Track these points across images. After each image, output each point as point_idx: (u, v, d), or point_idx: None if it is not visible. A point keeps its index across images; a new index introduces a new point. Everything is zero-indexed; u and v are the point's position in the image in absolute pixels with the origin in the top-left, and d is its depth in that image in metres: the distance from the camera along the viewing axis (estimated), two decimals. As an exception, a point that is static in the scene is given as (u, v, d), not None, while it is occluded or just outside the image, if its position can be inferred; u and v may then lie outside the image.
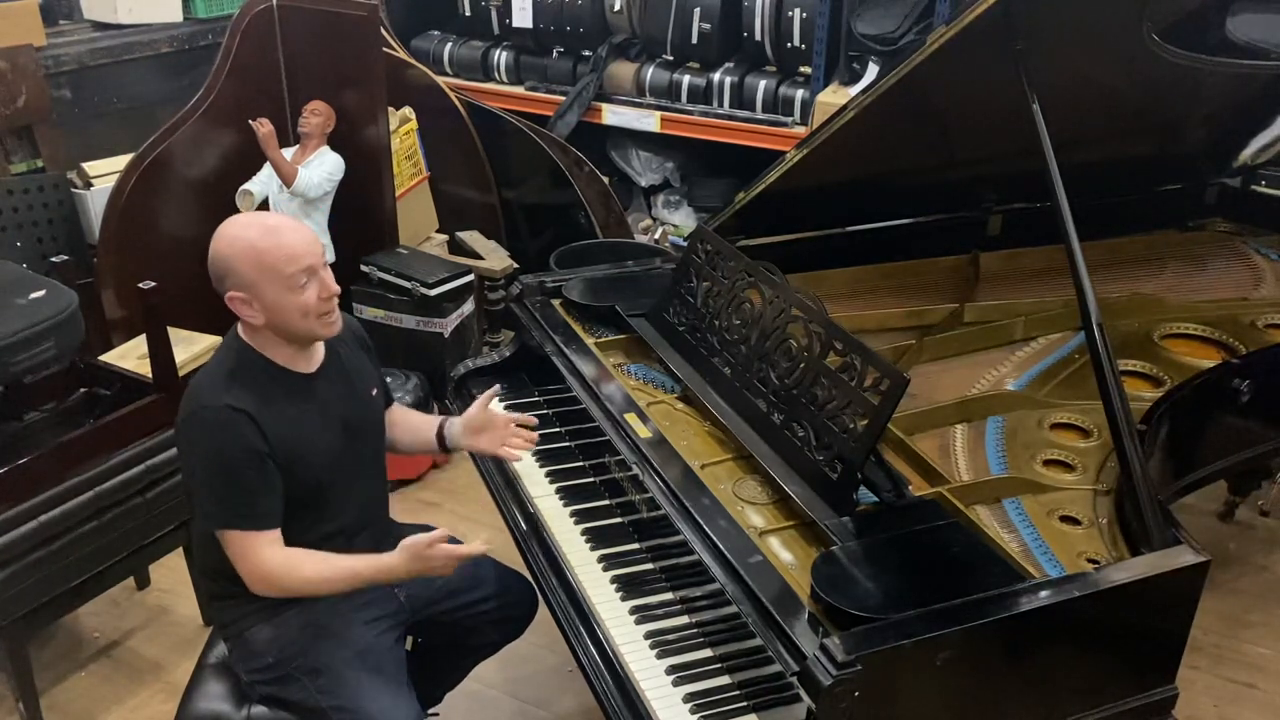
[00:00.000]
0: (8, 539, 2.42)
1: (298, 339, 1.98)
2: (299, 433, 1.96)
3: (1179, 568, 1.71)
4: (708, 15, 4.08)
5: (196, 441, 1.92)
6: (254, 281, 1.89)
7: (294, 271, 1.89)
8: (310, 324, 1.94)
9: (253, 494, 1.91)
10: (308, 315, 1.92)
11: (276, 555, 1.93)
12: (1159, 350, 2.61)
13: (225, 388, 1.91)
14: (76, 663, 2.94)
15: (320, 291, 1.92)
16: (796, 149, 2.45)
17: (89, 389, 2.91)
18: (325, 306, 1.94)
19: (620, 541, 2.14)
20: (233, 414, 1.88)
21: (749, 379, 2.15)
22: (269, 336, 1.96)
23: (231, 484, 1.89)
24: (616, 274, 2.74)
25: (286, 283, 1.89)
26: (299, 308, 1.91)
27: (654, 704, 1.77)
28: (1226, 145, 3.12)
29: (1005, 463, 2.14)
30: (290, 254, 1.89)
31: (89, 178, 3.74)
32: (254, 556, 1.92)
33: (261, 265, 1.88)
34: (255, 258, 1.88)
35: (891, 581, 1.69)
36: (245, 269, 1.88)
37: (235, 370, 1.95)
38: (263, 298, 1.90)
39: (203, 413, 1.91)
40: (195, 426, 1.92)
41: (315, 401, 2.01)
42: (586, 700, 2.44)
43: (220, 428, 1.88)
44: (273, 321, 1.93)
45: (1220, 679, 2.92)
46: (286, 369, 1.99)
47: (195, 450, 1.92)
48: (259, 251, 1.88)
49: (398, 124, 4.00)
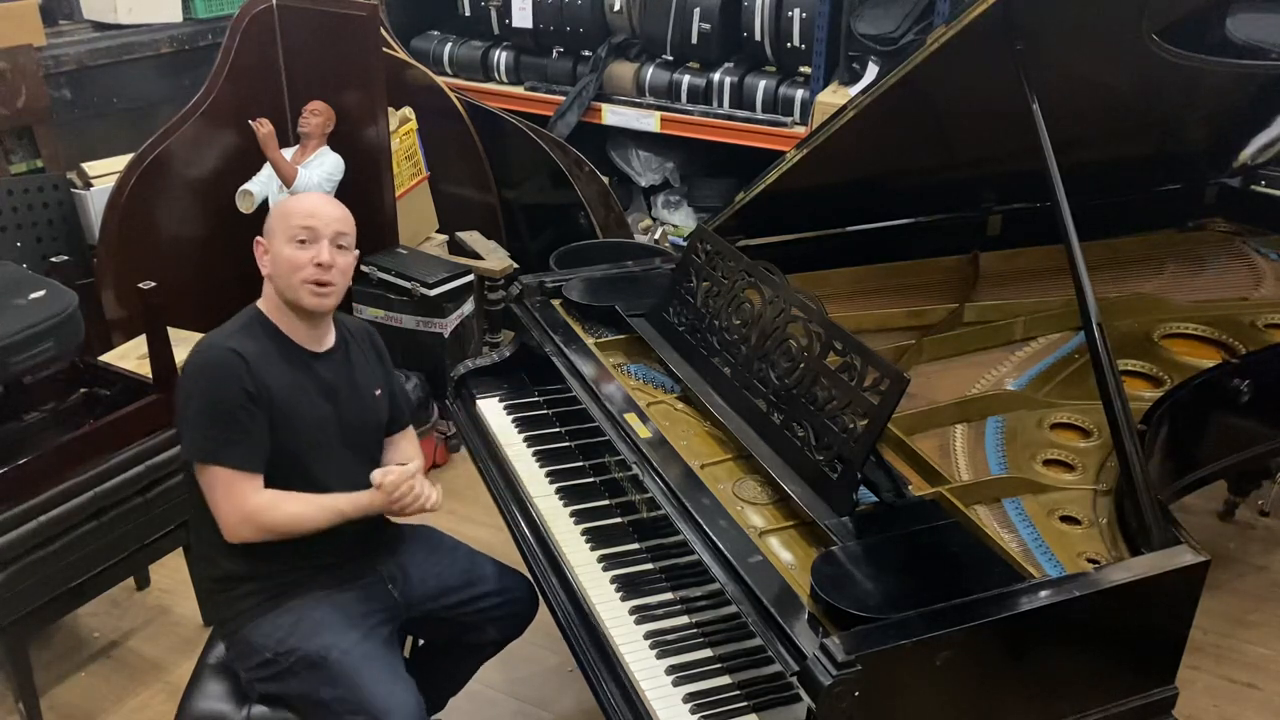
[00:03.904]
0: (8, 539, 2.42)
1: (292, 304, 2.06)
2: (290, 396, 2.03)
3: (1179, 568, 1.71)
4: (707, 15, 4.08)
5: (192, 377, 2.00)
6: (272, 229, 2.05)
7: (298, 226, 2.02)
8: (295, 284, 2.02)
9: (241, 432, 1.97)
10: (295, 272, 2.01)
11: (260, 495, 1.99)
12: (1159, 350, 2.61)
13: (229, 336, 2.03)
14: (76, 663, 2.94)
15: (314, 256, 2.01)
16: (796, 149, 2.45)
17: (89, 389, 2.91)
18: (315, 274, 2.02)
19: (620, 541, 2.14)
20: (230, 355, 1.98)
21: (749, 379, 2.15)
22: (277, 303, 2.07)
23: (221, 419, 1.96)
24: (616, 274, 2.74)
25: (289, 234, 2.02)
26: (291, 262, 2.01)
27: (654, 704, 1.77)
28: (1226, 145, 3.12)
29: (1005, 463, 2.14)
30: (306, 210, 2.04)
31: (89, 178, 3.74)
32: (237, 495, 1.97)
33: (280, 213, 2.06)
34: (282, 207, 2.08)
35: (891, 581, 1.69)
36: (272, 217, 2.07)
37: (243, 328, 2.06)
38: (272, 246, 2.05)
39: (205, 352, 2.01)
40: (194, 364, 2.01)
41: (314, 377, 2.09)
42: (586, 700, 2.44)
43: (217, 365, 1.98)
44: (273, 275, 2.05)
45: (1220, 679, 2.92)
46: (292, 340, 2.08)
47: (191, 385, 2.00)
48: (288, 203, 2.09)
49: (398, 124, 4.00)
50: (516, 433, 2.47)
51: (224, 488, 1.97)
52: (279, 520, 1.99)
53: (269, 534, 2.00)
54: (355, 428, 2.14)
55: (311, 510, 2.02)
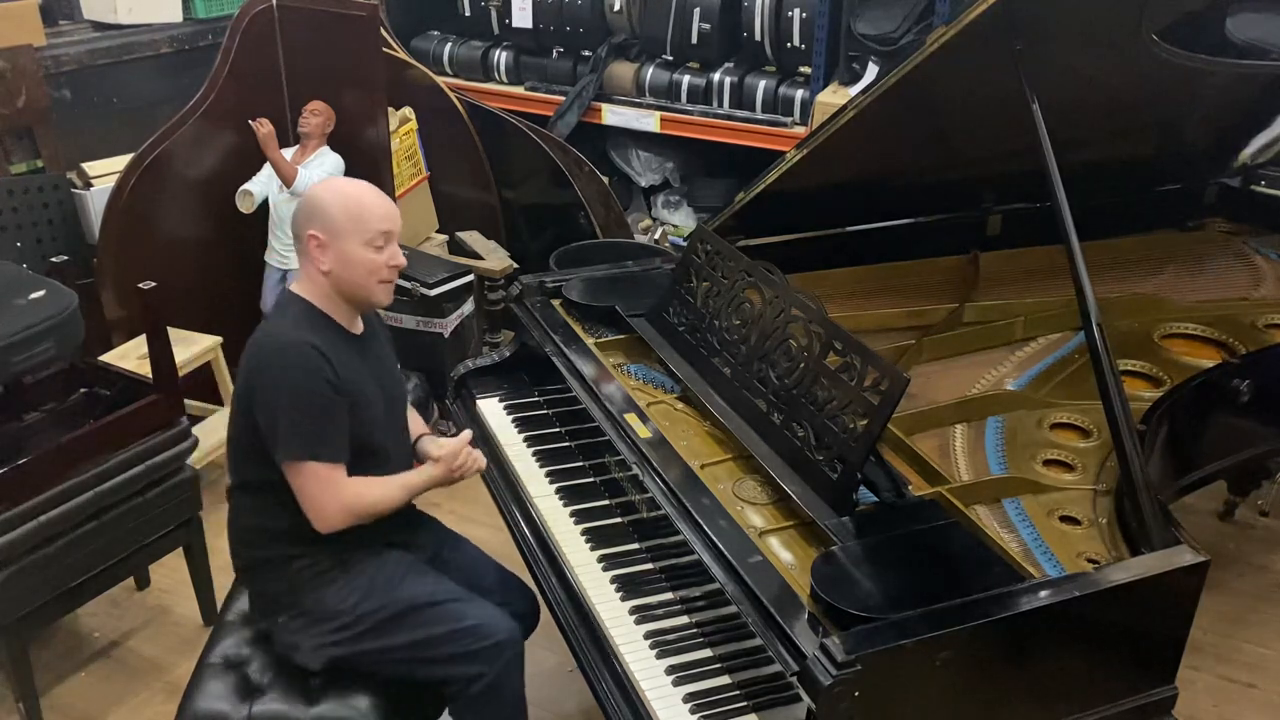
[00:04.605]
0: (8, 539, 2.42)
1: (352, 298, 2.08)
2: (356, 380, 2.06)
3: (1179, 568, 1.71)
4: (707, 15, 4.08)
5: (277, 374, 1.98)
6: (340, 228, 2.01)
7: (379, 230, 2.03)
8: (371, 285, 2.06)
9: (333, 427, 2.01)
10: (372, 275, 2.04)
11: (350, 485, 2.03)
12: (1159, 350, 2.61)
13: (296, 329, 2.02)
14: (76, 663, 2.94)
15: (390, 258, 2.06)
16: (796, 149, 2.45)
17: (89, 389, 2.91)
18: (391, 275, 2.08)
19: (620, 541, 2.14)
20: (310, 348, 1.98)
21: (749, 379, 2.15)
22: (325, 292, 2.07)
23: (316, 415, 1.98)
24: (616, 274, 2.74)
25: (369, 238, 2.02)
26: (369, 265, 2.03)
27: (654, 704, 1.77)
28: (1226, 145, 3.12)
29: (1005, 463, 2.14)
30: (384, 213, 2.05)
31: (89, 178, 3.74)
32: (332, 488, 2.00)
33: (354, 214, 2.02)
34: (351, 206, 2.02)
35: (891, 581, 1.69)
36: (337, 214, 2.01)
37: (301, 319, 2.05)
38: (340, 245, 2.02)
39: (285, 348, 1.99)
40: (275, 361, 1.99)
41: (365, 359, 2.12)
42: (586, 700, 2.45)
43: (305, 360, 1.98)
44: (338, 273, 2.04)
45: (1220, 679, 2.92)
46: (341, 326, 2.09)
47: (282, 383, 1.98)
48: (357, 201, 2.03)
49: (398, 124, 4.00)
50: (516, 432, 2.47)
51: (321, 482, 2.00)
52: (370, 505, 2.05)
53: (361, 519, 2.05)
54: (397, 401, 2.23)
55: (392, 491, 2.09)
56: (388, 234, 2.05)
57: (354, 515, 2.04)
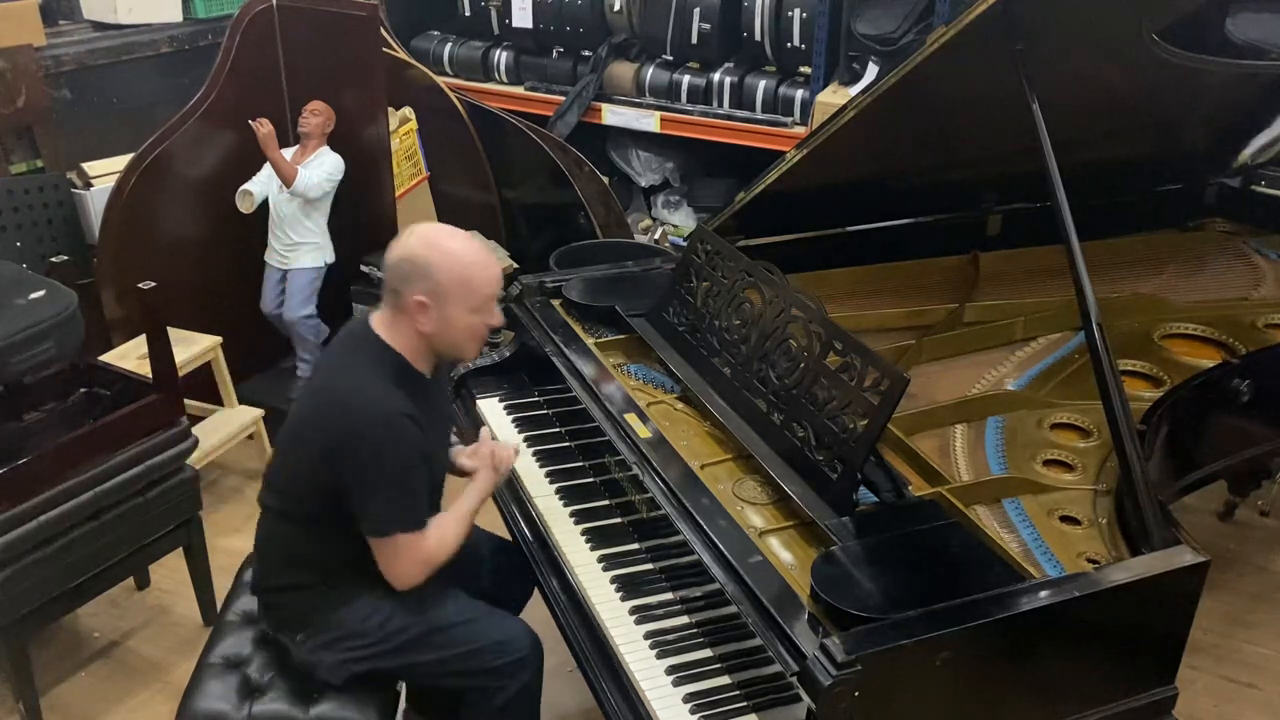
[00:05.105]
0: (8, 539, 2.42)
1: (444, 354, 2.05)
2: (434, 427, 2.04)
3: (1179, 568, 1.71)
4: (707, 15, 4.08)
5: (380, 450, 1.91)
6: (447, 294, 1.94)
7: (487, 295, 1.99)
8: (469, 347, 2.04)
9: (420, 495, 1.99)
10: (473, 339, 2.02)
11: (430, 538, 2.00)
12: (1159, 350, 2.61)
13: (390, 394, 1.94)
14: (76, 663, 2.94)
15: (492, 320, 2.03)
16: (796, 149, 2.45)
17: (89, 389, 2.91)
18: (488, 336, 2.06)
19: (620, 541, 2.14)
20: (405, 421, 1.92)
21: (749, 379, 2.15)
22: (416, 346, 2.00)
23: (408, 490, 1.96)
24: (616, 274, 2.74)
25: (476, 305, 1.98)
26: (472, 330, 2.00)
27: (654, 704, 1.77)
28: (1226, 145, 3.12)
29: (1005, 463, 2.14)
30: (492, 278, 2.00)
31: (89, 178, 3.74)
32: (416, 552, 1.98)
33: (463, 281, 1.95)
34: (461, 272, 1.95)
35: (891, 582, 1.69)
36: (446, 280, 1.94)
37: (390, 376, 1.97)
38: (446, 310, 1.96)
39: (389, 422, 1.91)
40: (378, 435, 1.91)
41: (433, 403, 2.09)
42: (586, 700, 2.44)
43: (403, 434, 1.92)
44: (440, 334, 1.98)
45: (1220, 679, 2.92)
46: (419, 371, 2.03)
47: (380, 460, 1.91)
48: (467, 268, 1.96)
49: (398, 124, 4.00)
50: (516, 432, 2.47)
51: (409, 550, 1.97)
52: (446, 553, 2.03)
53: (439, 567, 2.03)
54: (448, 424, 2.24)
55: (459, 527, 2.06)
56: (493, 297, 2.01)
57: (432, 568, 2.02)
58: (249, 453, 3.79)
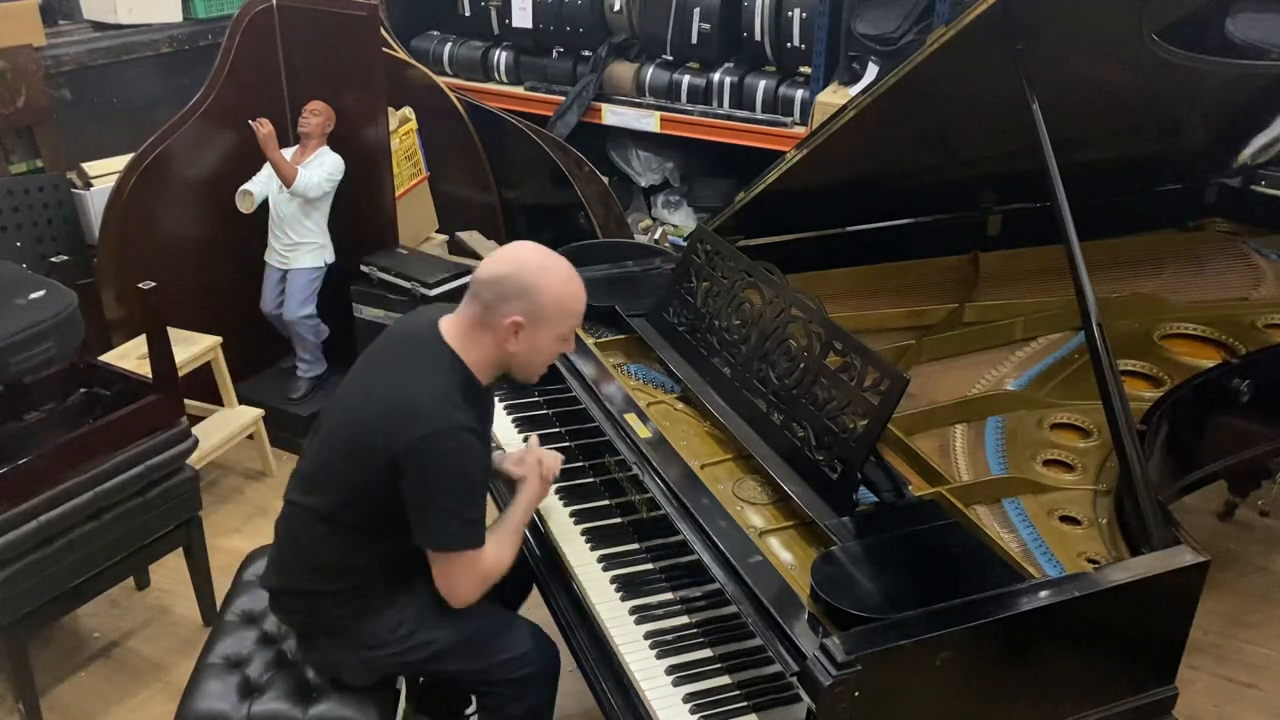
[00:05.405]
0: (8, 539, 2.42)
1: (514, 374, 2.01)
2: (488, 446, 2.03)
3: (1179, 568, 1.71)
4: (707, 15, 4.08)
5: (447, 467, 1.87)
6: (545, 318, 1.92)
7: (576, 324, 1.99)
8: (538, 369, 2.01)
9: (483, 513, 1.94)
10: (547, 363, 2.01)
11: (488, 555, 1.96)
12: (1159, 350, 2.61)
13: (459, 407, 1.89)
14: (76, 663, 2.94)
15: (568, 348, 2.03)
16: (796, 149, 2.45)
17: (89, 389, 2.91)
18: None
19: (620, 541, 2.14)
20: (471, 437, 1.89)
21: (749, 379, 2.15)
22: (492, 362, 1.97)
23: (473, 505, 1.91)
24: (616, 274, 2.74)
25: (564, 332, 1.97)
26: (550, 355, 2.00)
27: (654, 704, 1.77)
28: (1226, 145, 3.12)
29: (1005, 463, 2.14)
30: (583, 307, 1.99)
31: (89, 178, 3.74)
32: (475, 568, 1.95)
33: (563, 309, 1.94)
34: (563, 301, 1.94)
35: (891, 582, 1.69)
36: (547, 304, 1.92)
37: (459, 388, 1.92)
38: (538, 334, 1.93)
39: (458, 439, 1.87)
40: (447, 451, 1.87)
41: (487, 412, 2.06)
42: (586, 700, 2.44)
43: (468, 449, 1.89)
44: (522, 354, 1.95)
45: (1220, 679, 2.92)
46: (481, 384, 1.99)
47: (445, 476, 1.87)
48: (571, 298, 1.95)
49: (397, 124, 4.00)
50: (516, 433, 2.47)
51: (469, 566, 1.94)
52: (502, 569, 2.00)
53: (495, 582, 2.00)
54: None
55: (513, 539, 2.04)
56: (578, 325, 2.00)
57: (488, 585, 1.99)
58: (249, 453, 3.79)
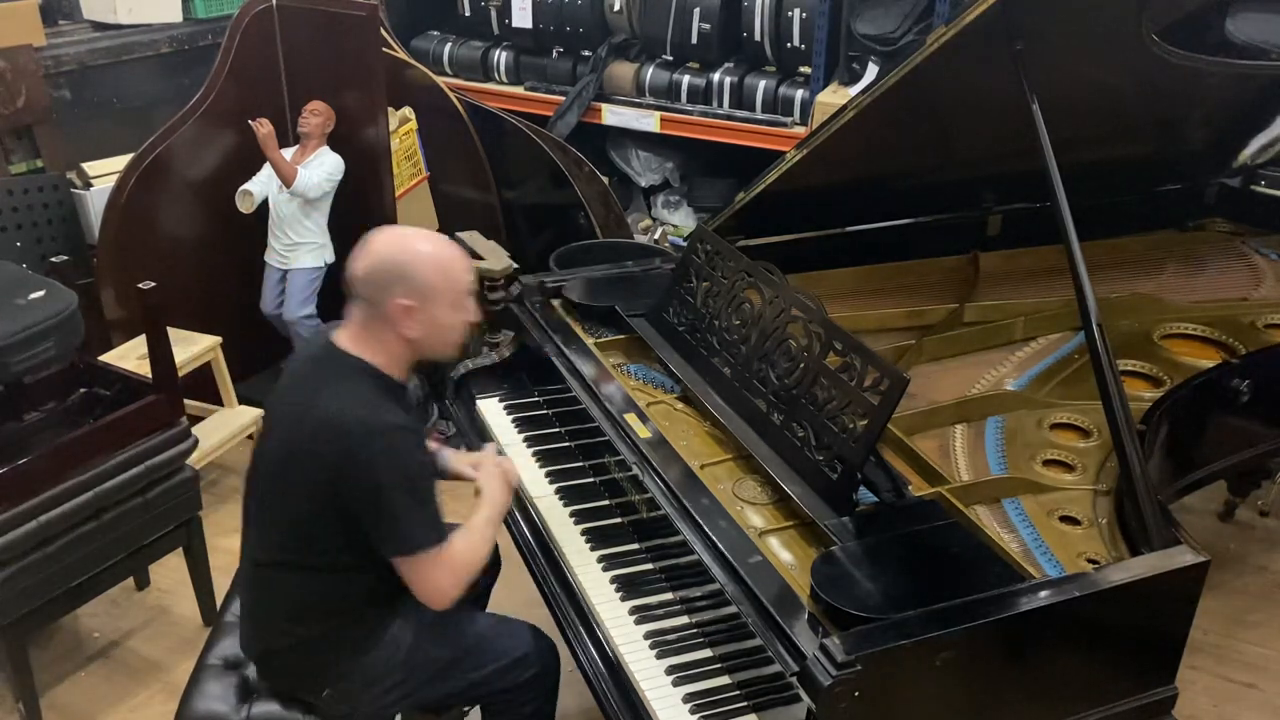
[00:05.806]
0: (8, 539, 2.42)
1: (424, 357, 1.96)
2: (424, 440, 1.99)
3: (1179, 568, 1.71)
4: (707, 15, 4.08)
5: (392, 471, 1.83)
6: (431, 292, 1.87)
7: (466, 289, 1.92)
8: (449, 346, 1.96)
9: (437, 507, 1.91)
10: (458, 337, 1.95)
11: (454, 554, 1.92)
12: (1159, 350, 2.61)
13: (382, 408, 1.86)
14: (76, 663, 2.94)
15: (471, 317, 1.96)
16: (796, 149, 2.44)
17: (89, 389, 2.91)
18: (469, 331, 1.97)
19: (620, 542, 2.14)
20: (406, 434, 1.86)
21: (749, 379, 2.14)
22: (398, 356, 1.92)
23: (423, 502, 1.88)
24: (616, 274, 2.74)
25: (459, 300, 1.91)
26: (456, 328, 1.94)
27: (654, 704, 1.77)
28: (1226, 145, 3.12)
29: (1005, 463, 2.14)
30: (467, 270, 1.93)
31: (89, 178, 3.74)
32: (448, 565, 1.90)
33: (444, 276, 1.88)
34: (439, 268, 1.88)
35: (891, 582, 1.69)
36: (427, 278, 1.86)
37: (374, 395, 1.88)
38: (432, 310, 1.88)
39: (392, 438, 1.83)
40: (387, 456, 1.82)
41: (411, 409, 2.01)
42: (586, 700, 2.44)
43: (410, 449, 1.86)
44: (426, 336, 1.91)
45: (1220, 679, 2.92)
46: (398, 381, 1.95)
47: (395, 480, 1.83)
48: (444, 263, 1.89)
49: (397, 124, 4.00)
50: (516, 433, 2.47)
51: (441, 564, 1.89)
52: (478, 562, 1.96)
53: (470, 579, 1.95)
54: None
55: (486, 530, 2.00)
56: (470, 292, 1.93)
57: (467, 579, 1.94)
58: (249, 453, 3.78)
